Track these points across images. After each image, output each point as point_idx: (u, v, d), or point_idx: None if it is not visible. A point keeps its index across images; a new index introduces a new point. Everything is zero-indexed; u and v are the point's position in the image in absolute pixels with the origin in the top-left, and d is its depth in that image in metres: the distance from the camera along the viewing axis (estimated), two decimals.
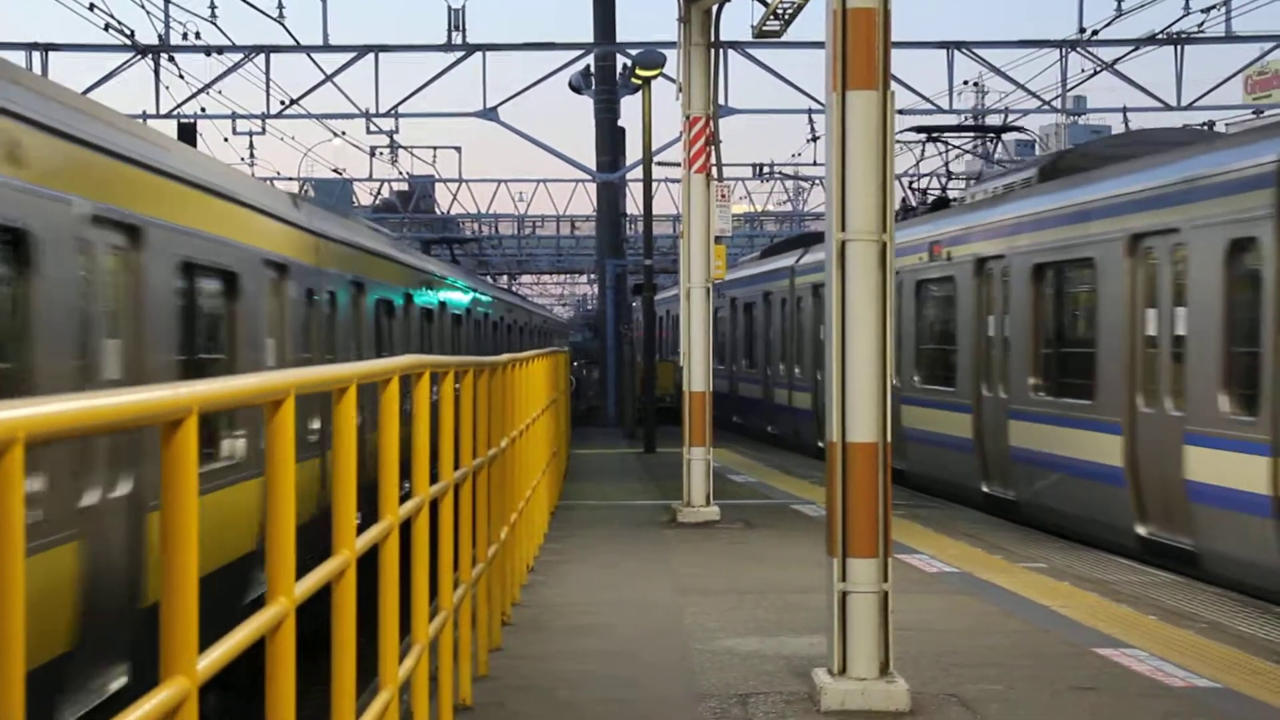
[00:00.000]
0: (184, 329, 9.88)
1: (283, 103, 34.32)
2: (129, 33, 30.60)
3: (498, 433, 9.52)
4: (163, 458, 3.09)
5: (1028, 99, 35.91)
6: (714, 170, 17.79)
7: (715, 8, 17.28)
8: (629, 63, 32.82)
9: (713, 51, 17.42)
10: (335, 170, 52.89)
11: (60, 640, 7.64)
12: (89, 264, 8.12)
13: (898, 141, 19.93)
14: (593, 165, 39.12)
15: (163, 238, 9.28)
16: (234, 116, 35.78)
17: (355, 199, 61.51)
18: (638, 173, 32.13)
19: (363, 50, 33.42)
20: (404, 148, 49.02)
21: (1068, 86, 35.05)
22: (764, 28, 17.41)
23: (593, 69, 37.19)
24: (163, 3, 31.51)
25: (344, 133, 49.57)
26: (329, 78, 33.45)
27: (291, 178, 52.43)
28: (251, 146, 52.41)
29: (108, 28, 29.67)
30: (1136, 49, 33.95)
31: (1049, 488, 16.78)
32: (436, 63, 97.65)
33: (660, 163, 33.15)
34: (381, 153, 47.83)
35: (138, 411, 2.80)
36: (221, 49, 32.64)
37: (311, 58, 33.50)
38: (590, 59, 36.72)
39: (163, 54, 31.91)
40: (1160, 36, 32.84)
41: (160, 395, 2.94)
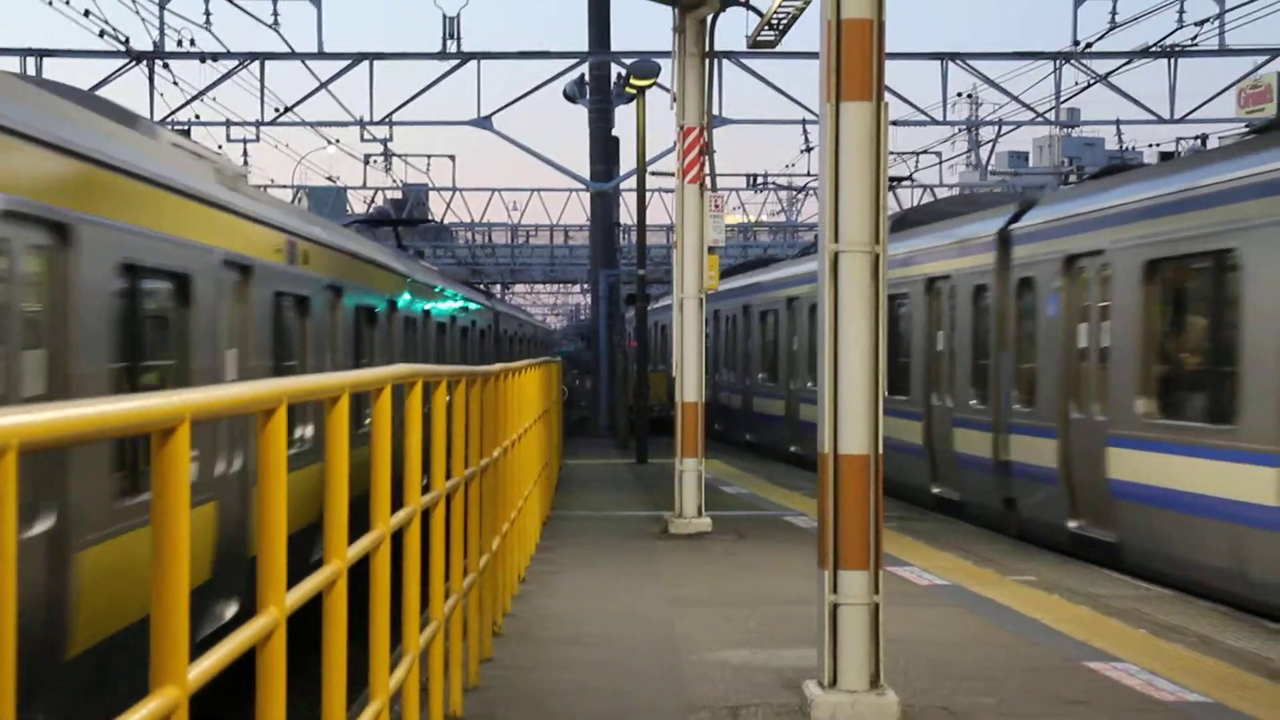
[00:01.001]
0: (125, 338, 8.89)
1: (277, 110, 34.35)
2: (124, 39, 30.59)
3: (490, 443, 9.51)
4: (153, 466, 3.07)
5: (1021, 111, 35.99)
6: (708, 180, 17.79)
7: (710, 18, 17.28)
8: (624, 72, 32.79)
9: (707, 61, 17.42)
10: (329, 178, 52.88)
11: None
12: (3, 266, 7.17)
13: (891, 153, 20.72)
14: (586, 174, 39.12)
15: (98, 236, 8.25)
16: (228, 124, 35.72)
17: (349, 207, 61.43)
18: (631, 182, 32.15)
19: (357, 58, 33.46)
20: (398, 156, 49.07)
21: (1061, 99, 35.14)
22: (759, 38, 17.41)
23: (587, 78, 37.16)
24: (158, 9, 31.53)
25: (338, 140, 49.56)
26: (323, 85, 33.48)
27: (286, 185, 52.41)
28: (245, 154, 52.31)
29: (102, 34, 29.65)
30: (1130, 61, 34.03)
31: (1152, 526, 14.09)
32: (431, 70, 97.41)
33: (654, 172, 33.14)
34: (376, 161, 47.81)
35: (131, 420, 2.80)
36: (216, 56, 32.67)
37: (306, 65, 33.54)
38: (585, 68, 36.74)
39: (157, 60, 31.93)
40: (1154, 49, 32.89)
41: (153, 404, 2.94)
